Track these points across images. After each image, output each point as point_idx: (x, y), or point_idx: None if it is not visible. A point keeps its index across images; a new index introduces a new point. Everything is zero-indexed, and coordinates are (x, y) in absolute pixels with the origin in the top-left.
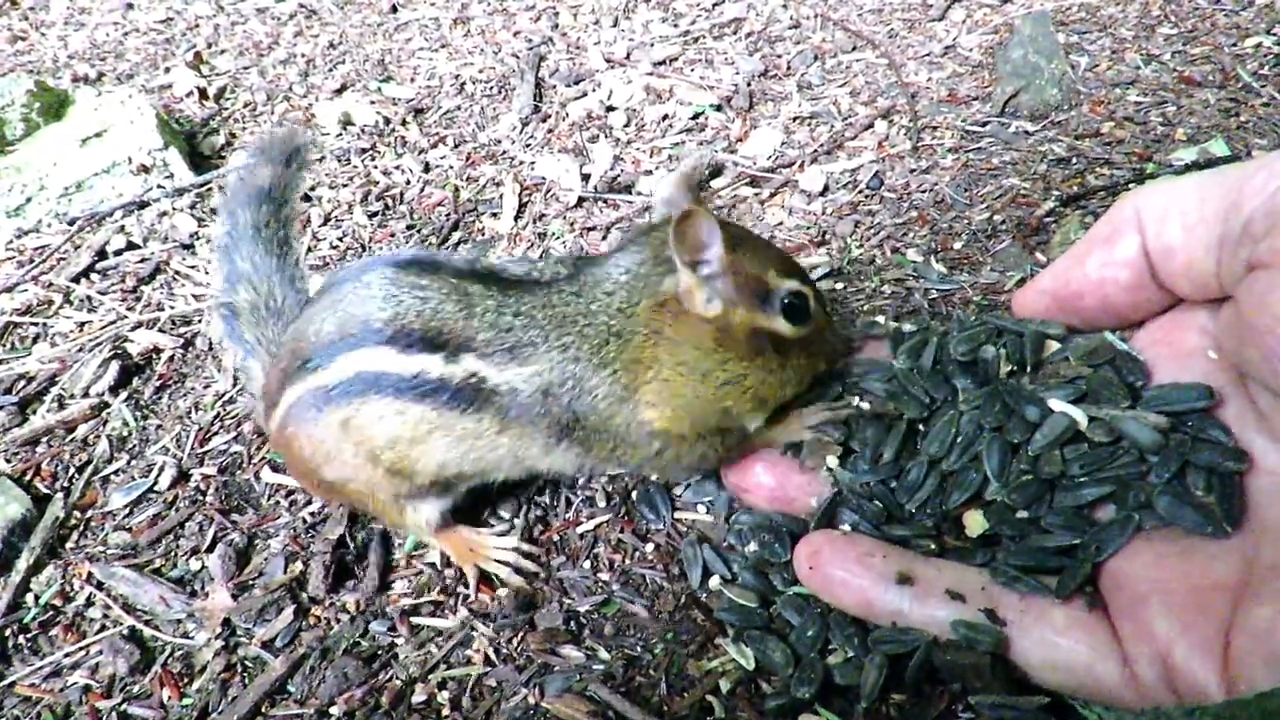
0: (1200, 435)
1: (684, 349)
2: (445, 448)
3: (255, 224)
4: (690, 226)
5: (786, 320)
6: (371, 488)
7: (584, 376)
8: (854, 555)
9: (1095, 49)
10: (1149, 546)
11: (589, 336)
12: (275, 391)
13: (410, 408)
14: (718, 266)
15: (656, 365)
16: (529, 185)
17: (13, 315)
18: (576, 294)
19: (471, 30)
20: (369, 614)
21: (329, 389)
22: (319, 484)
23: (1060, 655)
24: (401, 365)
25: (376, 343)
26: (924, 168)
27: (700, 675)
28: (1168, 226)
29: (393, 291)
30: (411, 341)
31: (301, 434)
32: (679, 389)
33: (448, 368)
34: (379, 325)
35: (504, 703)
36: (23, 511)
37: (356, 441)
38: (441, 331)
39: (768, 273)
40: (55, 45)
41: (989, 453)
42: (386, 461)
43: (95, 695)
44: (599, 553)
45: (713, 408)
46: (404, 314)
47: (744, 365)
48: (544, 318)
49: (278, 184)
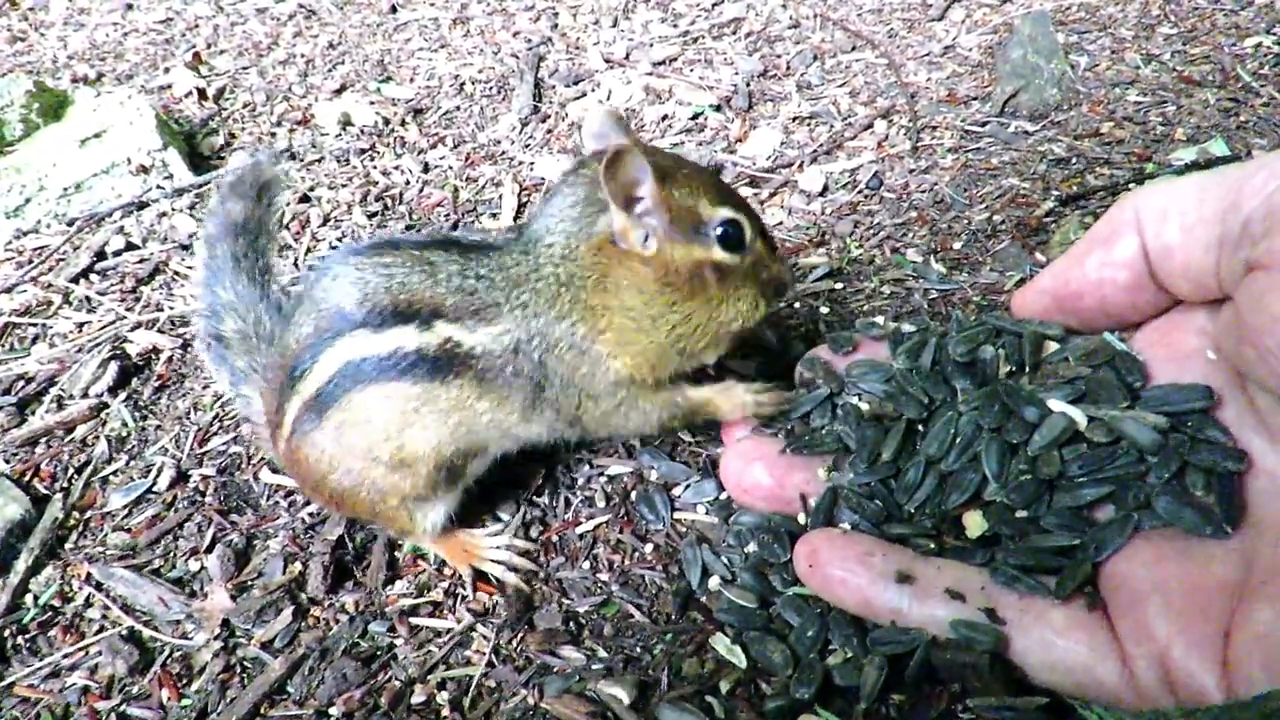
0: (1199, 436)
1: (629, 294)
2: (435, 423)
3: (234, 255)
4: (620, 165)
5: (723, 249)
6: (380, 492)
7: (547, 331)
8: (853, 554)
9: (1095, 49)
10: (1148, 547)
11: (542, 291)
12: (275, 411)
13: (393, 388)
14: (650, 203)
15: (608, 313)
16: (528, 185)
17: (12, 316)
18: (524, 252)
19: (471, 30)
20: (368, 615)
21: (319, 393)
22: (331, 496)
23: (1059, 655)
24: (378, 345)
25: (352, 327)
26: (923, 168)
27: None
28: (1167, 227)
29: (359, 275)
30: (384, 317)
31: (305, 445)
32: (633, 336)
33: (422, 337)
34: (350, 308)
35: (503, 703)
36: (22, 512)
37: (354, 441)
38: (411, 302)
39: (700, 203)
40: (55, 46)
41: (988, 453)
42: (386, 456)
43: (94, 696)
44: (598, 553)
45: (670, 350)
46: (372, 292)
47: (690, 304)
48: (501, 279)
49: (251, 218)
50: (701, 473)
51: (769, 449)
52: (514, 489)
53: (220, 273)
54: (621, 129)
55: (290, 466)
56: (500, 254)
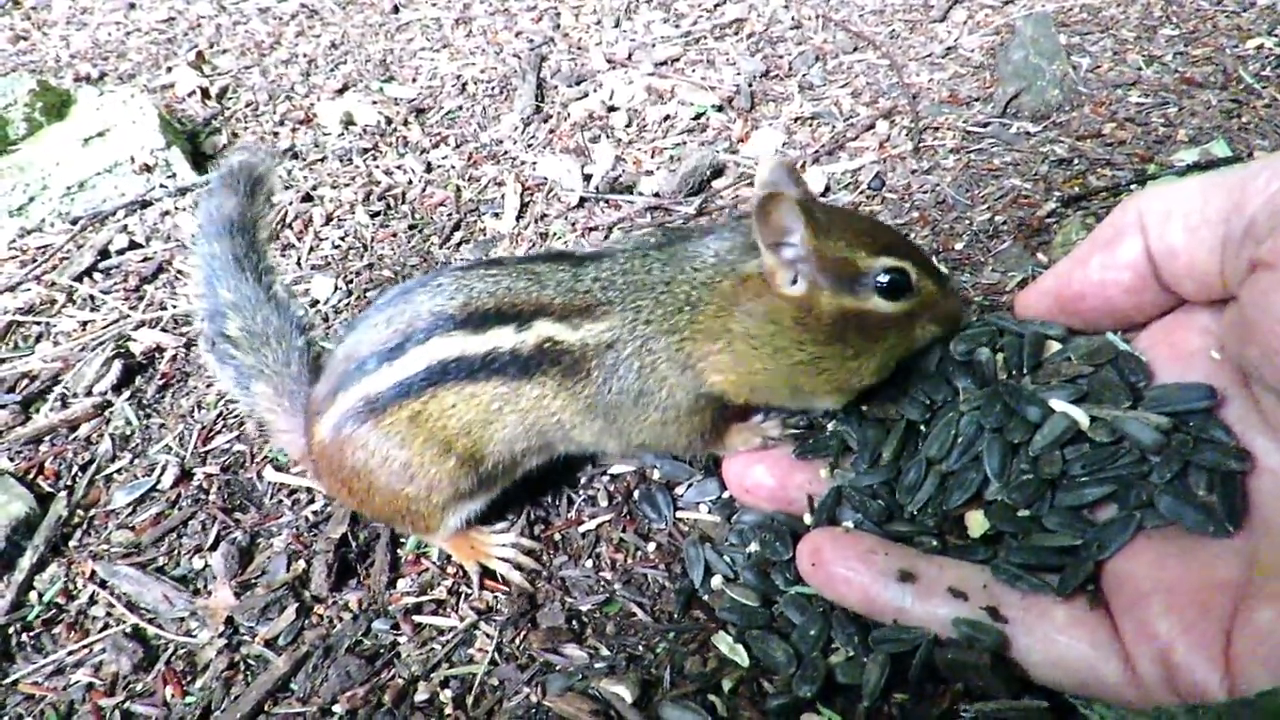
0: (1202, 435)
1: (758, 322)
2: (514, 422)
3: (234, 255)
4: (773, 210)
5: (884, 299)
6: (429, 489)
7: (650, 337)
8: (856, 552)
9: (1097, 50)
10: (1151, 546)
11: (664, 303)
12: (323, 399)
13: (482, 389)
14: (801, 250)
15: (727, 336)
16: (531, 185)
17: (16, 314)
18: (664, 263)
19: (473, 30)
20: (371, 612)
21: (395, 385)
22: (363, 489)
23: (1062, 653)
24: (475, 346)
25: (449, 329)
26: (925, 168)
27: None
28: (1170, 228)
29: (464, 282)
30: (485, 319)
31: (357, 437)
32: (749, 360)
33: (519, 336)
34: (451, 312)
35: (506, 701)
36: (26, 510)
37: (429, 433)
38: (514, 304)
39: (857, 255)
40: (57, 45)
41: (989, 453)
42: (460, 449)
43: (98, 693)
44: (601, 552)
45: (780, 382)
46: (475, 298)
47: (821, 348)
48: (623, 283)
49: (245, 214)
50: (704, 472)
51: (771, 450)
52: (518, 488)
53: (221, 273)
54: (792, 179)
55: (324, 457)
56: (630, 257)
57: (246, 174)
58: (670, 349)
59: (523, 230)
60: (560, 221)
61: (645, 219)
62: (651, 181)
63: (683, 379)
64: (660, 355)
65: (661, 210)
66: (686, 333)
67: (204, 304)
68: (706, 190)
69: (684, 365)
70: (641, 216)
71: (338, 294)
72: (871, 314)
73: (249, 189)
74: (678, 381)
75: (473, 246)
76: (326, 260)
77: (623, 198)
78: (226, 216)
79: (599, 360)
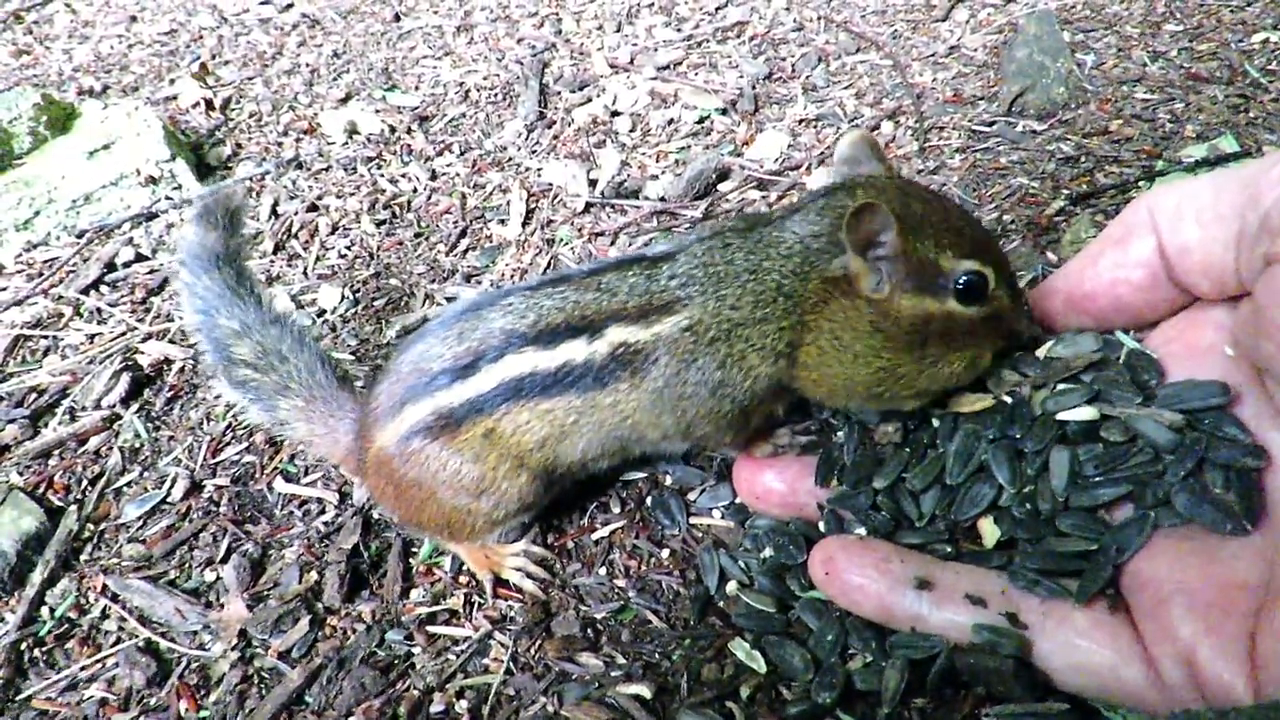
0: (1217, 432)
1: (842, 326)
2: (590, 431)
3: (228, 285)
4: (866, 219)
5: (959, 302)
6: (497, 503)
7: (741, 322)
8: (870, 560)
9: (1101, 47)
10: (1169, 547)
11: (754, 290)
12: (387, 409)
13: (556, 403)
14: (889, 250)
15: (816, 332)
16: (536, 191)
17: (23, 328)
18: (749, 251)
19: (475, 38)
20: (385, 623)
21: (468, 402)
22: (417, 500)
23: (1083, 658)
24: (548, 361)
25: (520, 347)
26: (931, 168)
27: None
28: (1183, 225)
29: (535, 301)
30: (556, 335)
31: (428, 451)
32: (830, 361)
33: (591, 346)
34: (524, 330)
35: (523, 711)
36: (36, 525)
37: (503, 449)
38: (585, 315)
39: (944, 255)
40: (60, 59)
41: (996, 462)
42: (533, 464)
43: (112, 708)
44: (614, 559)
45: (858, 388)
46: (546, 315)
47: (900, 355)
48: (704, 275)
49: (226, 246)
50: (716, 477)
51: (780, 456)
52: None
53: (217, 305)
54: (875, 154)
55: (377, 463)
56: (709, 246)
57: (224, 207)
58: (764, 338)
59: (529, 236)
60: (566, 227)
61: (652, 223)
62: (657, 185)
63: (773, 369)
64: (751, 344)
65: (668, 214)
66: (784, 323)
67: (204, 337)
68: (713, 194)
69: (776, 355)
70: (648, 221)
71: (345, 303)
72: (948, 317)
73: (228, 223)
74: (768, 372)
75: (479, 254)
76: (333, 269)
77: (629, 202)
78: (211, 250)
79: (671, 351)
